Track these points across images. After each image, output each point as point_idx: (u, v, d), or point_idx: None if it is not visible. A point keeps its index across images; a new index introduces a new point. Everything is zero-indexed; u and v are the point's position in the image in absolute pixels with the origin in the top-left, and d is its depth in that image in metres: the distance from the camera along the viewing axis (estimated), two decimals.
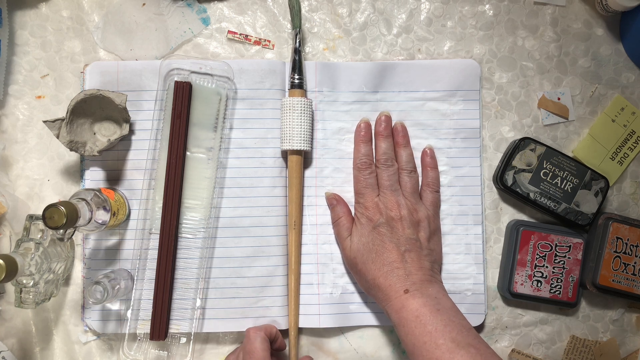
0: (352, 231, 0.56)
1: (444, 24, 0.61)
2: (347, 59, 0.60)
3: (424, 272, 0.52)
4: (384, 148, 0.57)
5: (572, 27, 0.61)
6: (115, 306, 0.57)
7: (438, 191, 0.58)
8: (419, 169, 0.59)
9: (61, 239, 0.48)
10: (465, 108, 0.59)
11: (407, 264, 0.52)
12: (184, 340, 0.56)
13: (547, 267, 0.58)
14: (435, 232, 0.56)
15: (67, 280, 0.58)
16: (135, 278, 0.56)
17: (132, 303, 0.56)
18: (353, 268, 0.56)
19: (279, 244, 0.58)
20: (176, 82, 0.56)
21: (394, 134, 0.58)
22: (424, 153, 0.59)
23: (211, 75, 0.57)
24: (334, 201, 0.58)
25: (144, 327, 0.55)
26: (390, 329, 0.59)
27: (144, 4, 0.60)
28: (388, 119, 0.58)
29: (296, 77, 0.58)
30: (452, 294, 0.58)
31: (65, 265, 0.56)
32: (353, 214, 0.58)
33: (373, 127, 0.59)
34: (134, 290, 0.56)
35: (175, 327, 0.56)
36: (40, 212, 0.56)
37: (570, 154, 0.60)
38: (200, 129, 0.57)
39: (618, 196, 0.61)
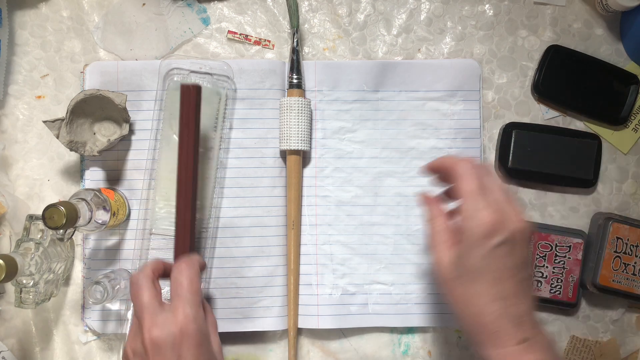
0: (455, 243, 0.43)
1: (444, 24, 0.61)
2: (347, 59, 0.60)
3: (534, 307, 0.41)
4: None
5: (572, 27, 0.61)
6: (115, 306, 0.57)
7: None
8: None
9: (61, 239, 0.48)
10: (466, 108, 0.59)
11: (522, 298, 0.41)
12: None
13: (547, 267, 0.58)
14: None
15: (67, 280, 0.58)
16: None
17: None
18: (448, 289, 0.43)
19: (279, 244, 0.58)
20: (182, 85, 0.52)
21: None
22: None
23: (211, 75, 0.57)
24: (423, 199, 0.48)
25: None
26: (390, 329, 0.59)
27: (144, 4, 0.60)
28: None
29: (294, 76, 0.58)
30: None
31: (65, 265, 0.56)
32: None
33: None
34: None
35: None
36: (40, 212, 0.56)
37: None
38: (200, 128, 0.56)
39: (618, 196, 0.60)
